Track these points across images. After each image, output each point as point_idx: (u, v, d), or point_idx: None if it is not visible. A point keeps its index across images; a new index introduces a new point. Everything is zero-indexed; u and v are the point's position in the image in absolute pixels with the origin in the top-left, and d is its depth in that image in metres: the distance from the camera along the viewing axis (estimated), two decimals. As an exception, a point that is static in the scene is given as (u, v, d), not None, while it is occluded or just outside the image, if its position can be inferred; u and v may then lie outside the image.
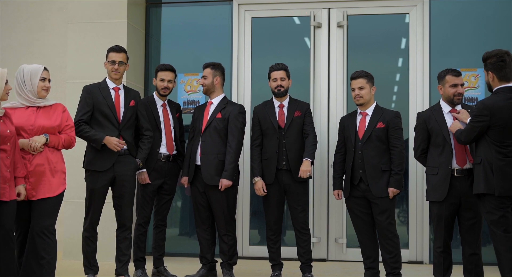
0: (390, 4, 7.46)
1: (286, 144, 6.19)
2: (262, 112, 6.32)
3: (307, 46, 7.56)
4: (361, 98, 5.91)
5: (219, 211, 6.16)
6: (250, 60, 7.63)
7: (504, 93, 5.05)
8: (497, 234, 4.95)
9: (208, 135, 6.19)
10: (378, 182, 5.81)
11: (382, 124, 5.87)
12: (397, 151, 5.85)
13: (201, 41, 7.85)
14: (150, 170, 6.19)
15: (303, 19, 7.58)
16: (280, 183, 6.20)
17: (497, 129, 4.99)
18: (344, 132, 6.07)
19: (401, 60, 7.59)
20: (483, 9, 7.43)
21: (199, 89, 7.66)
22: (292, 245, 6.81)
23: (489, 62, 5.10)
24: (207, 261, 6.28)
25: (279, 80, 6.25)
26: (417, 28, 7.37)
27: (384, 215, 5.82)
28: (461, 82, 5.59)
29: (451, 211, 5.46)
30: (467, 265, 5.48)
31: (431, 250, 7.17)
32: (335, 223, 7.36)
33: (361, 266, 6.22)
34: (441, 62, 7.23)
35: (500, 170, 4.96)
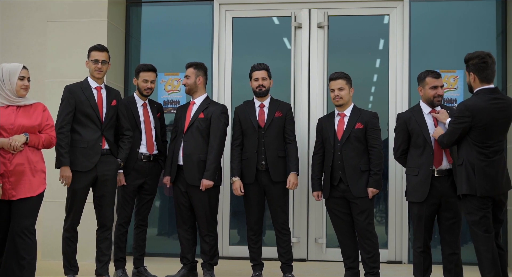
0: (371, 5, 7.50)
1: (265, 143, 6.20)
2: (242, 112, 6.32)
3: (288, 46, 7.59)
4: (340, 99, 5.94)
5: (201, 211, 6.15)
6: (231, 60, 7.63)
7: (485, 94, 5.09)
8: (478, 234, 5.00)
9: (191, 135, 6.17)
10: (358, 182, 5.85)
11: (361, 125, 5.91)
12: (375, 152, 5.89)
13: (181, 41, 7.85)
14: (130, 170, 6.16)
15: (284, 20, 7.60)
16: (260, 183, 6.21)
17: (478, 130, 5.04)
18: (322, 133, 6.09)
19: (380, 61, 7.63)
20: (462, 11, 7.52)
21: (180, 88, 7.66)
22: (272, 245, 6.83)
23: (471, 63, 5.15)
24: (188, 261, 6.27)
25: (260, 80, 6.26)
26: (397, 29, 7.42)
27: (363, 215, 5.85)
28: (441, 83, 5.64)
29: (431, 212, 5.52)
30: (446, 265, 5.54)
31: (410, 250, 7.22)
32: (315, 223, 7.38)
33: (341, 266, 6.25)
34: (420, 63, 7.30)
35: (481, 171, 5.01)
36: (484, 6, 7.52)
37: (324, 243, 7.33)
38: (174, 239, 7.79)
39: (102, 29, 7.29)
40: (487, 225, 5.01)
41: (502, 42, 7.34)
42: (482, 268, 5.00)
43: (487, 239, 4.99)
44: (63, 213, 5.87)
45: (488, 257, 4.96)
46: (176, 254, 6.48)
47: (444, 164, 5.50)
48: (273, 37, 7.77)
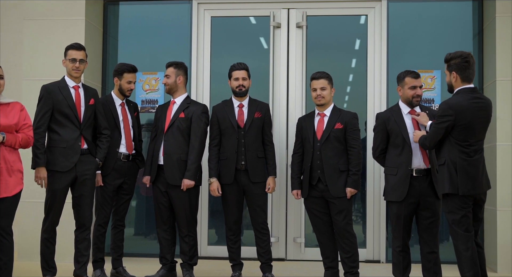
0: (349, 5, 7.52)
1: (245, 143, 6.18)
2: (221, 112, 6.28)
3: (267, 46, 7.57)
4: (322, 98, 5.94)
5: (181, 211, 6.12)
6: (209, 60, 7.60)
7: (466, 93, 5.14)
8: (459, 233, 5.04)
9: (171, 134, 6.15)
10: (336, 182, 5.85)
11: (340, 125, 5.91)
12: (354, 152, 5.90)
13: (160, 40, 7.80)
14: (110, 170, 6.12)
15: (263, 19, 7.58)
16: (239, 183, 6.19)
17: (461, 129, 5.07)
18: (302, 132, 6.09)
19: (358, 61, 7.64)
20: (439, 11, 7.56)
21: (158, 88, 7.62)
22: (251, 245, 6.83)
23: (454, 62, 5.19)
24: (167, 261, 6.24)
25: (241, 79, 6.24)
26: (375, 29, 7.44)
27: (342, 214, 5.86)
28: (420, 84, 5.68)
29: (410, 211, 5.55)
30: (425, 264, 5.58)
31: (388, 249, 7.27)
32: (294, 222, 7.39)
33: (320, 265, 6.26)
34: (398, 63, 7.37)
35: (463, 169, 5.04)
36: (461, 6, 7.59)
37: (303, 243, 7.34)
38: (151, 239, 7.78)
39: (80, 27, 7.22)
40: (468, 224, 5.06)
41: (479, 42, 7.40)
42: (461, 267, 5.04)
43: (467, 238, 5.02)
44: (41, 214, 5.81)
45: (467, 256, 4.99)
46: (155, 254, 6.43)
47: (423, 164, 5.53)
48: (252, 37, 7.77)
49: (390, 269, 6.71)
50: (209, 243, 7.53)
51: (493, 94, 6.81)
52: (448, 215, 5.13)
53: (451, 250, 5.21)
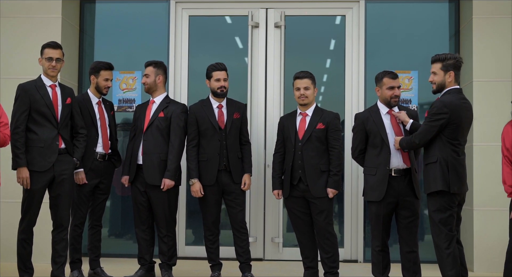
0: (327, 6, 7.54)
1: (227, 145, 6.16)
2: (200, 112, 6.22)
3: (245, 45, 7.55)
4: (306, 98, 5.94)
5: (160, 211, 6.09)
6: (187, 59, 7.56)
7: (456, 93, 5.23)
8: (443, 232, 5.09)
9: (150, 134, 6.11)
10: (317, 182, 5.86)
11: (322, 125, 5.92)
12: (336, 152, 5.91)
13: (137, 39, 7.74)
14: (87, 169, 6.06)
15: (241, 19, 7.56)
16: (220, 183, 6.17)
17: (453, 128, 5.15)
18: (283, 132, 6.08)
19: (336, 61, 7.66)
20: (417, 12, 7.62)
21: (135, 87, 7.57)
22: (228, 244, 6.83)
23: (451, 62, 5.25)
24: (146, 262, 6.19)
25: (222, 80, 6.20)
26: (353, 30, 7.47)
27: (323, 215, 5.87)
28: (398, 84, 5.70)
29: (389, 211, 5.59)
30: (405, 263, 5.61)
31: (365, 248, 7.31)
32: (271, 222, 7.38)
33: (298, 265, 6.27)
34: (376, 64, 7.40)
35: (454, 168, 5.13)
36: (437, 8, 7.65)
37: (281, 243, 7.34)
38: (126, 240, 7.72)
39: (56, 25, 7.14)
40: (453, 224, 5.13)
41: (455, 44, 7.47)
42: (443, 265, 5.09)
43: (451, 238, 5.09)
44: (17, 214, 5.72)
45: (450, 255, 5.06)
46: (133, 255, 6.38)
47: (402, 164, 5.56)
48: (230, 36, 7.75)
49: (368, 268, 6.76)
50: (186, 243, 7.50)
51: (469, 95, 6.87)
52: (434, 213, 5.16)
53: (428, 249, 5.25)
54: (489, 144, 6.78)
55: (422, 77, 7.39)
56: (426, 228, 7.02)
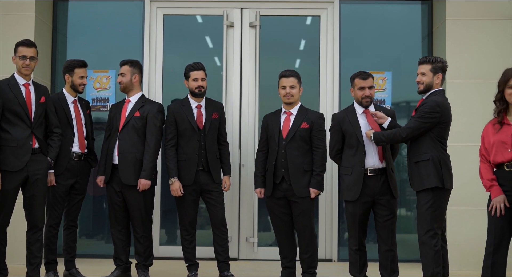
0: (302, 6, 7.55)
1: (205, 145, 6.14)
2: (179, 112, 6.20)
3: (220, 45, 7.52)
4: (291, 96, 5.95)
5: (136, 211, 6.05)
6: (161, 58, 7.51)
7: (442, 95, 5.41)
8: (433, 229, 5.22)
9: (126, 133, 6.06)
10: (300, 182, 5.86)
11: (306, 125, 5.92)
12: (319, 152, 5.92)
13: (111, 38, 7.67)
14: (62, 169, 5.99)
15: (216, 18, 7.53)
16: (197, 183, 6.15)
17: (443, 127, 5.31)
18: (267, 130, 6.07)
19: (310, 61, 7.67)
20: (390, 13, 7.71)
21: (109, 86, 7.51)
22: (204, 244, 6.83)
23: (440, 65, 5.41)
24: (122, 262, 6.15)
25: (200, 80, 6.18)
26: (328, 30, 7.51)
27: (304, 215, 5.89)
28: (369, 84, 5.73)
29: (365, 210, 5.65)
30: (383, 261, 5.67)
31: (340, 248, 7.35)
32: (246, 222, 7.38)
33: (273, 264, 6.30)
34: (350, 64, 7.45)
35: (446, 165, 5.29)
36: (410, 9, 7.73)
37: (256, 242, 7.34)
38: (98, 240, 7.66)
39: (29, 23, 7.04)
40: (442, 221, 5.30)
41: (428, 45, 7.55)
42: (428, 262, 5.21)
43: (438, 235, 5.24)
44: (-9, 215, 5.65)
45: (437, 252, 5.21)
46: (107, 255, 6.33)
47: (378, 163, 5.61)
48: (205, 36, 7.72)
49: (342, 267, 6.84)
50: (160, 243, 7.46)
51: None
52: (427, 210, 5.24)
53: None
54: (461, 144, 6.86)
55: (395, 77, 7.48)
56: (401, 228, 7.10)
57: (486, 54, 7.01)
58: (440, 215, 5.29)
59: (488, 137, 5.03)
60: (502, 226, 4.89)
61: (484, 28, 7.04)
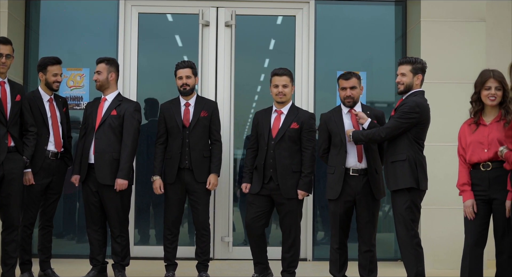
0: (278, 6, 7.57)
1: (190, 143, 6.11)
2: (168, 110, 6.20)
3: (195, 44, 7.48)
4: (284, 96, 5.94)
5: (113, 211, 6.00)
6: (136, 57, 7.46)
7: (422, 95, 5.43)
8: (413, 229, 5.27)
9: (102, 132, 6.00)
10: (288, 183, 5.86)
11: (297, 125, 5.92)
12: (308, 153, 5.92)
13: (85, 36, 7.58)
14: (38, 168, 5.91)
15: (191, 17, 7.49)
16: (182, 182, 6.12)
17: (421, 127, 5.34)
18: (257, 128, 6.05)
19: (285, 61, 7.66)
20: (364, 14, 7.75)
21: (83, 84, 7.43)
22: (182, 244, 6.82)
23: (420, 66, 5.47)
24: (98, 262, 6.09)
25: (184, 78, 6.16)
26: (303, 30, 7.53)
27: (291, 215, 5.90)
28: (351, 85, 5.74)
29: (346, 209, 5.67)
30: (362, 261, 5.70)
31: (314, 247, 7.39)
32: (221, 222, 7.37)
33: (248, 264, 6.32)
34: (325, 64, 7.55)
35: (421, 166, 5.32)
36: (384, 10, 7.80)
37: (231, 242, 7.33)
38: (68, 240, 7.57)
39: (3, 20, 6.92)
40: (418, 221, 5.36)
41: (402, 45, 7.62)
42: (412, 262, 5.26)
43: (417, 235, 5.30)
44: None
45: (419, 251, 5.29)
46: (83, 255, 6.27)
47: (360, 164, 5.64)
48: (180, 35, 7.70)
49: (317, 267, 6.89)
50: (134, 243, 7.41)
51: (417, 96, 7.03)
52: (405, 211, 5.27)
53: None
54: (435, 144, 6.93)
55: (370, 77, 7.53)
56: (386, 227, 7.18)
57: (460, 55, 7.11)
58: (418, 215, 5.35)
59: (464, 137, 5.09)
60: (478, 226, 4.95)
61: (459, 30, 7.13)
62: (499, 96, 4.94)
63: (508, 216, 4.72)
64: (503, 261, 4.87)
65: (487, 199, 4.90)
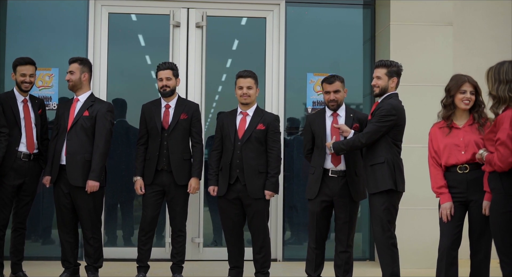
0: (249, 7, 7.59)
1: (168, 146, 6.09)
2: (149, 112, 6.19)
3: (166, 44, 7.46)
4: (248, 97, 5.98)
5: (85, 213, 5.95)
6: (106, 57, 7.40)
7: (397, 98, 5.51)
8: (390, 230, 5.35)
9: (75, 133, 5.94)
10: (255, 183, 5.90)
11: (263, 126, 5.96)
12: (274, 154, 5.97)
13: (54, 36, 7.48)
14: (8, 169, 5.83)
15: (162, 18, 7.47)
16: (160, 183, 6.11)
17: (398, 129, 5.43)
18: (222, 130, 6.06)
19: (256, 62, 7.70)
20: (333, 17, 7.85)
21: (52, 84, 7.34)
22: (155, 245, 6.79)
23: (395, 69, 5.52)
24: (70, 264, 6.03)
25: (164, 80, 6.15)
26: (274, 32, 7.58)
27: (259, 216, 5.94)
28: (334, 88, 5.79)
29: (323, 209, 5.73)
30: (337, 261, 5.77)
31: (284, 247, 7.44)
32: (192, 222, 7.31)
33: (219, 265, 6.33)
34: (295, 66, 7.59)
35: (399, 168, 5.40)
36: (352, 13, 7.90)
37: (201, 243, 7.33)
38: (33, 241, 7.45)
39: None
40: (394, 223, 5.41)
41: (371, 48, 7.71)
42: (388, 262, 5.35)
43: (393, 235, 5.39)
44: None
45: (395, 252, 5.38)
46: (55, 257, 6.20)
47: (339, 166, 5.69)
48: (151, 35, 7.66)
49: (287, 267, 6.93)
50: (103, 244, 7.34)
51: (386, 99, 7.13)
52: (383, 212, 5.35)
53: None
54: (404, 146, 7.03)
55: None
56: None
57: (428, 58, 7.23)
58: (395, 216, 5.44)
59: (436, 140, 5.14)
60: (454, 228, 5.01)
61: (427, 33, 7.26)
62: (472, 100, 5.04)
63: (487, 215, 4.80)
64: (479, 261, 4.96)
65: (464, 201, 4.98)
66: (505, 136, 4.50)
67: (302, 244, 7.59)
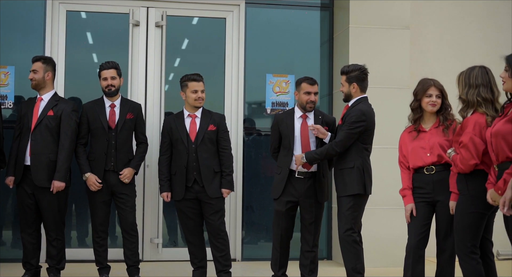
0: (209, 7, 7.58)
1: (116, 145, 6.05)
2: (92, 111, 6.09)
3: (126, 44, 7.39)
4: (202, 101, 6.03)
5: (49, 214, 5.86)
6: (64, 55, 7.27)
7: (366, 102, 5.60)
8: (354, 229, 5.44)
9: (39, 133, 5.84)
10: (212, 183, 5.94)
11: (213, 127, 6.01)
12: (227, 153, 6.05)
13: (10, 33, 7.28)
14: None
15: (121, 16, 7.40)
16: (108, 184, 6.05)
17: (368, 134, 5.52)
18: (171, 134, 6.05)
19: (216, 62, 7.72)
20: (291, 19, 7.91)
21: (7, 82, 7.18)
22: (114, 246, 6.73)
23: (354, 75, 5.56)
24: (32, 266, 5.94)
25: (109, 79, 6.09)
26: (233, 33, 7.60)
27: (217, 215, 5.97)
28: (315, 90, 5.87)
29: (288, 209, 5.80)
30: (303, 261, 5.85)
31: (243, 247, 7.49)
32: (150, 223, 7.32)
33: (178, 265, 6.35)
34: (255, 67, 7.64)
35: (368, 172, 5.50)
36: (310, 16, 7.98)
37: (160, 243, 7.30)
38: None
39: None
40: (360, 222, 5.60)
41: (329, 50, 7.82)
42: (353, 259, 5.43)
43: (357, 233, 5.48)
44: None
45: (360, 250, 5.48)
46: (16, 259, 6.08)
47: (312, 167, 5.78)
48: (110, 34, 7.58)
49: (247, 267, 7.00)
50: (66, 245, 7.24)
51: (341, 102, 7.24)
52: (348, 211, 5.45)
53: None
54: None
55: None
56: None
57: (385, 61, 7.38)
58: (359, 216, 5.54)
59: (405, 145, 5.28)
60: (421, 227, 5.13)
61: (385, 36, 7.41)
62: (438, 104, 5.18)
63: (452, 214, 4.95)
64: (445, 260, 5.10)
65: (431, 201, 5.11)
66: (468, 140, 4.68)
67: (261, 243, 7.66)
